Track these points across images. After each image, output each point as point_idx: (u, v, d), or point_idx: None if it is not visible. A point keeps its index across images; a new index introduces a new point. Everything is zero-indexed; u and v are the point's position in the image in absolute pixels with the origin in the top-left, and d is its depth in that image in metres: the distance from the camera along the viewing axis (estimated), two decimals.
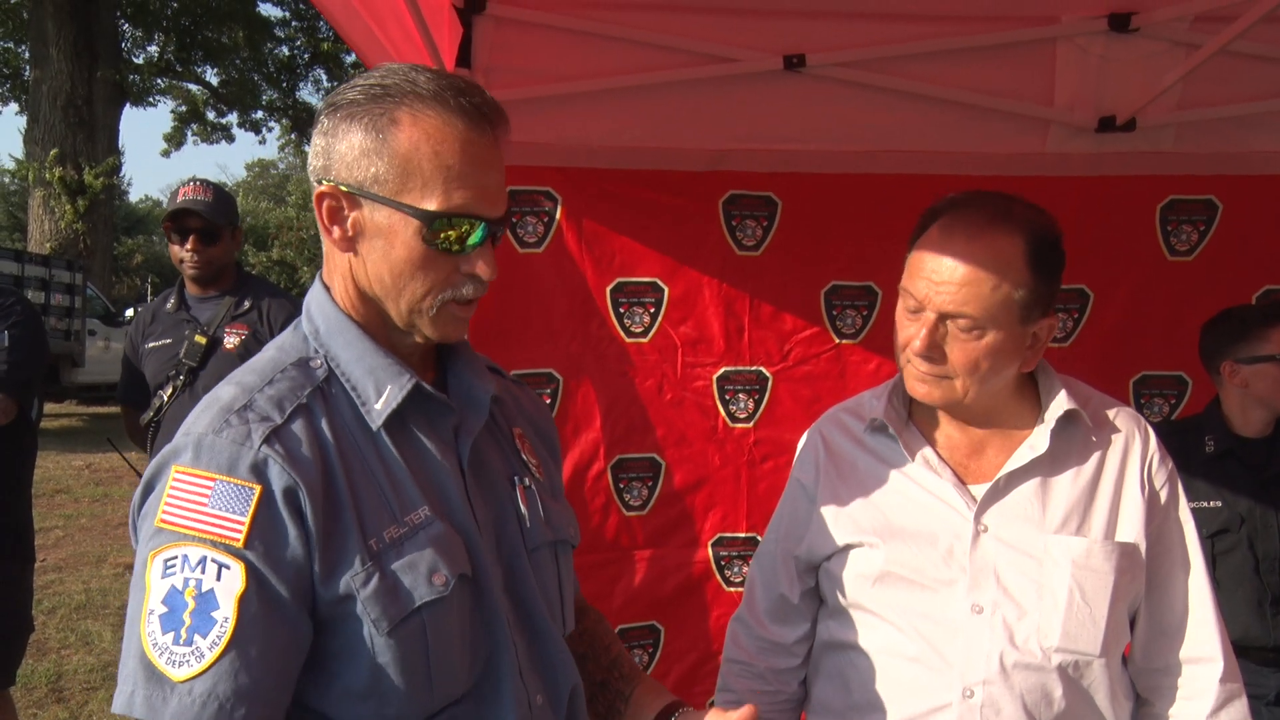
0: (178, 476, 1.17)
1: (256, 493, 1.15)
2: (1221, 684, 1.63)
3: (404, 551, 1.22)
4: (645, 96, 2.79)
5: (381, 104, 1.24)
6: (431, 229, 1.23)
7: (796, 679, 1.84)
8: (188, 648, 1.10)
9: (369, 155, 1.23)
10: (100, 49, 19.25)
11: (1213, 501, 2.62)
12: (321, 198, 1.27)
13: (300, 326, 1.35)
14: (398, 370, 1.29)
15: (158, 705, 1.09)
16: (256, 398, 1.23)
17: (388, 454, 1.27)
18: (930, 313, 1.55)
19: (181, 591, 1.12)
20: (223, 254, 3.36)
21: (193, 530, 1.13)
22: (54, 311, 14.20)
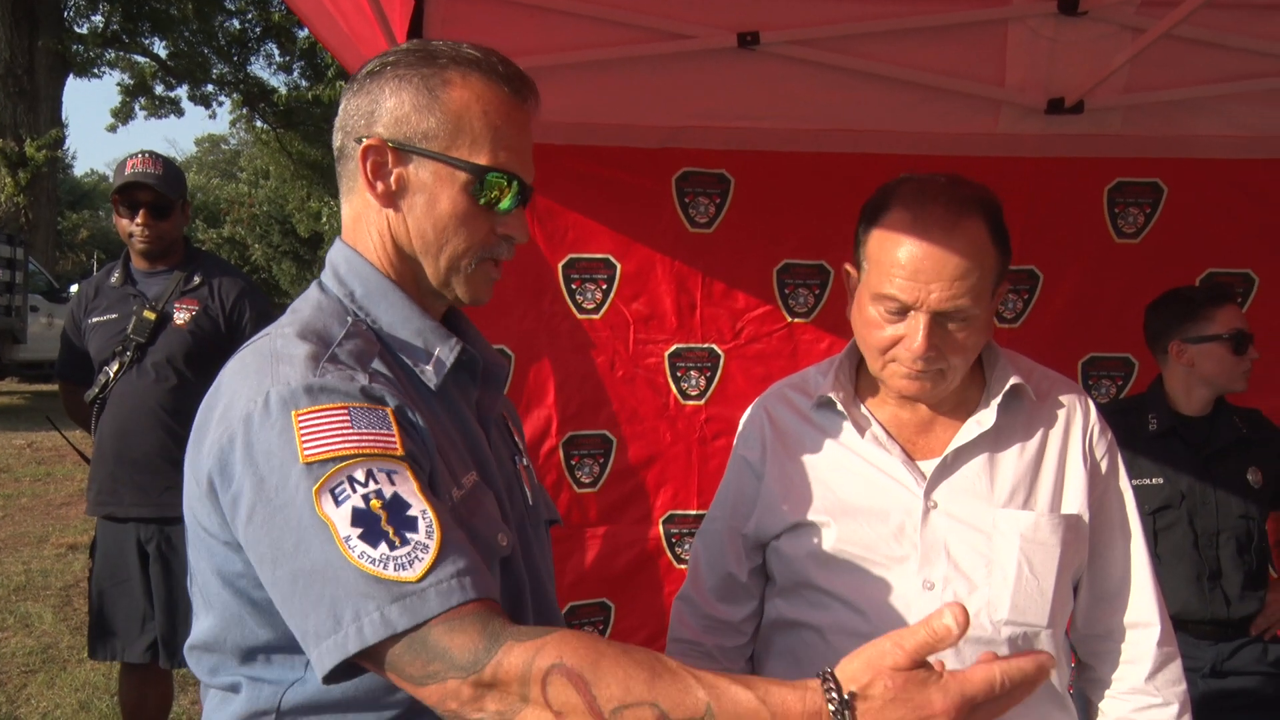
0: (303, 418, 1.10)
1: (389, 411, 1.13)
2: (1159, 648, 1.67)
3: (473, 509, 1.22)
4: (599, 72, 2.77)
5: (431, 65, 1.26)
6: (480, 184, 1.25)
7: (744, 656, 1.84)
8: (405, 549, 1.05)
9: (420, 111, 1.25)
10: (41, 17, 18.74)
11: (1155, 479, 2.67)
12: (368, 151, 1.26)
13: (329, 290, 1.31)
14: (444, 333, 1.30)
15: (417, 607, 1.03)
16: (337, 350, 1.19)
17: (442, 416, 1.26)
18: (924, 313, 1.52)
19: (366, 507, 1.07)
20: (173, 228, 3.29)
21: (348, 450, 1.09)
22: None
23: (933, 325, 1.52)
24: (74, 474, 9.06)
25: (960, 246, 1.51)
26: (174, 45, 22.70)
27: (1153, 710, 1.66)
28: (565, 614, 3.06)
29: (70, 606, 5.81)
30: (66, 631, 5.42)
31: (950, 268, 1.50)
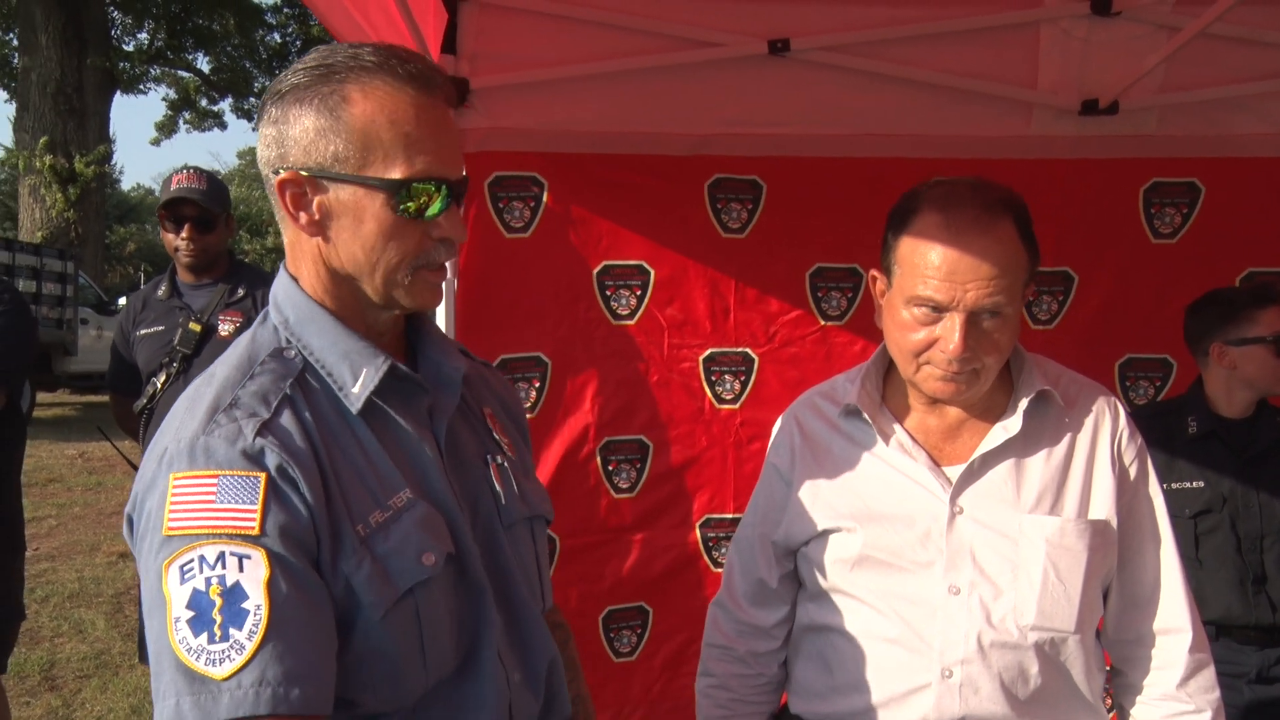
0: (177, 483, 1.14)
1: (263, 480, 1.14)
2: (1191, 654, 1.66)
3: (390, 535, 1.22)
4: (630, 81, 2.80)
5: (329, 82, 1.22)
6: (399, 198, 1.22)
7: (776, 661, 1.85)
8: (225, 643, 1.08)
9: (325, 135, 1.22)
10: (90, 36, 19.16)
11: (1195, 482, 2.64)
12: (284, 186, 1.24)
13: (269, 319, 1.33)
14: (372, 352, 1.28)
15: (209, 708, 1.06)
16: (240, 394, 1.21)
17: (366, 439, 1.26)
18: (959, 313, 1.53)
19: (205, 591, 1.09)
20: (218, 241, 3.37)
21: (205, 529, 1.11)
22: (46, 300, 14.17)
23: (969, 325, 1.54)
24: (124, 483, 9.23)
25: (993, 246, 1.53)
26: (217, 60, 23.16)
27: (1185, 717, 1.65)
28: (604, 618, 3.08)
29: (122, 613, 5.94)
30: (118, 638, 5.54)
31: (986, 267, 1.52)
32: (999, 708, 1.59)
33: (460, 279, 2.82)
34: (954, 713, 1.60)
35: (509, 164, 2.85)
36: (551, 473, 2.98)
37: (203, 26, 21.82)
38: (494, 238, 2.86)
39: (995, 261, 1.52)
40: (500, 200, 2.85)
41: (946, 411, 1.69)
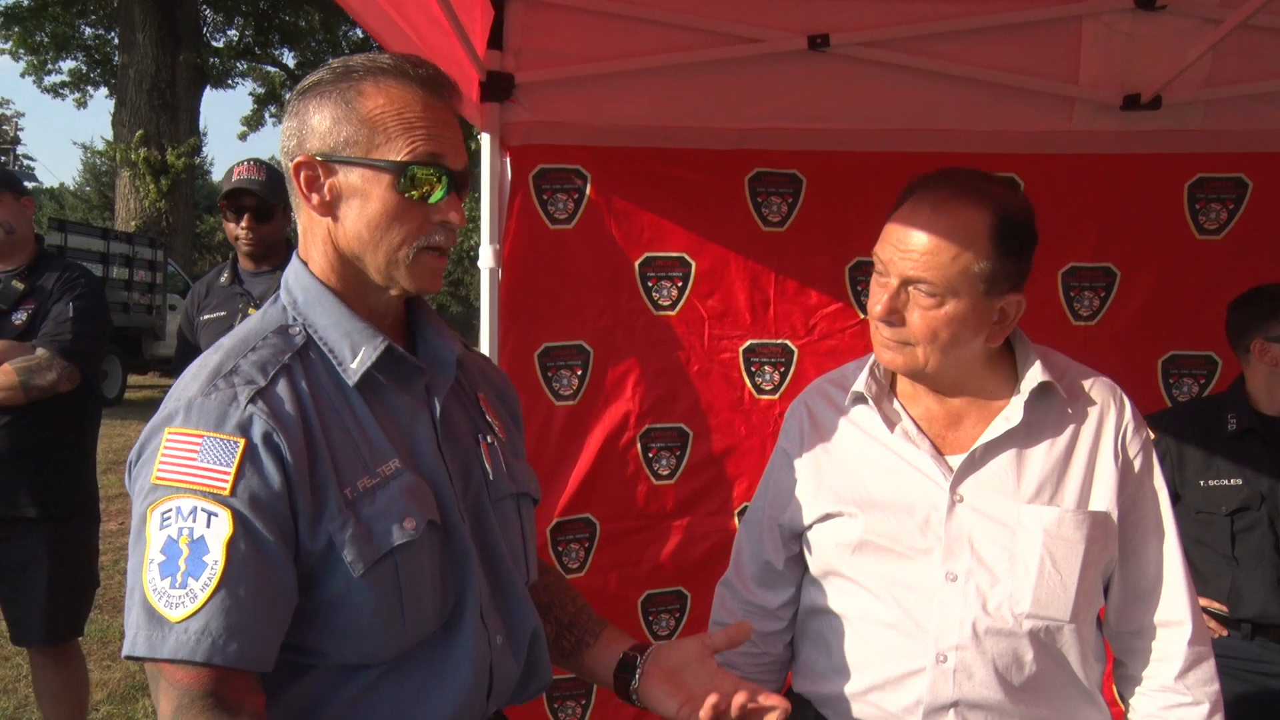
0: (170, 437, 1.26)
1: (240, 446, 1.25)
2: (1190, 646, 1.67)
3: (376, 500, 1.32)
4: (672, 76, 2.85)
5: (347, 80, 1.36)
6: (402, 179, 1.33)
7: (782, 642, 1.90)
8: (182, 590, 1.20)
9: (339, 123, 1.35)
10: (183, 34, 19.83)
11: (1233, 479, 2.62)
12: (299, 168, 1.37)
13: (279, 300, 1.45)
14: (371, 333, 1.39)
15: (157, 643, 1.19)
16: (241, 363, 1.32)
17: (361, 411, 1.37)
18: (894, 278, 1.61)
19: (177, 540, 1.21)
20: (275, 231, 3.50)
21: (184, 483, 1.23)
22: (137, 287, 14.76)
23: (897, 291, 1.60)
24: None
25: (942, 225, 1.57)
26: (302, 55, 23.77)
27: (1182, 709, 1.66)
28: (643, 601, 3.15)
29: None
30: None
31: (922, 240, 1.58)
32: (993, 693, 1.62)
33: (505, 269, 2.91)
34: (948, 697, 1.63)
35: (553, 157, 2.92)
36: (592, 459, 3.05)
37: (289, 23, 22.43)
38: (538, 228, 2.94)
39: (935, 236, 1.57)
40: (544, 192, 2.94)
41: (951, 401, 1.72)
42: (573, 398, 3.03)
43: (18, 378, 3.22)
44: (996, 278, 1.60)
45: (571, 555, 3.09)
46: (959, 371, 1.69)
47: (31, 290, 3.38)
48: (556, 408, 3.02)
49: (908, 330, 1.62)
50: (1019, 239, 1.62)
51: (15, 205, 3.41)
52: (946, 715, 1.64)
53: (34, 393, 3.24)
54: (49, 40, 23.77)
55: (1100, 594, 1.70)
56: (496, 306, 2.90)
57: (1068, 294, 2.97)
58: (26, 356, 3.26)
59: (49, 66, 24.78)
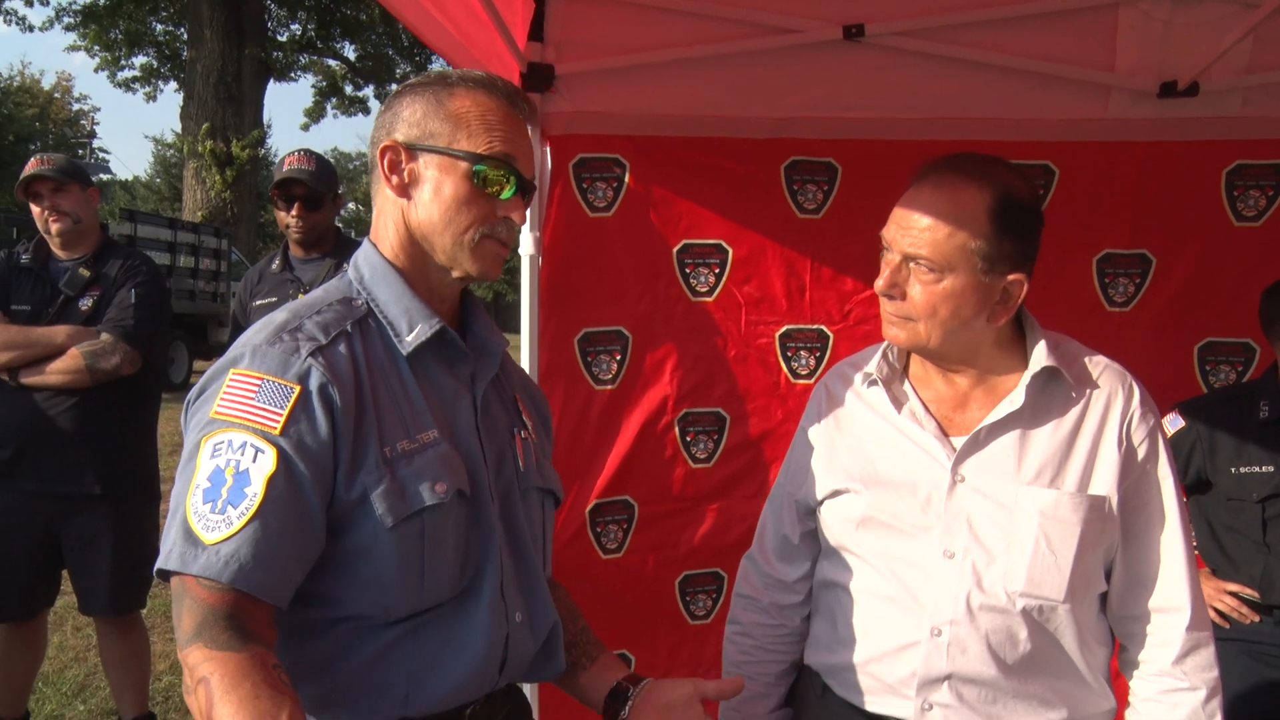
0: (234, 377, 1.37)
1: (296, 391, 1.35)
2: (1188, 632, 1.68)
3: (413, 462, 1.42)
4: (709, 67, 2.90)
5: (443, 83, 1.52)
6: (477, 170, 1.46)
7: (799, 614, 1.96)
8: (220, 516, 1.29)
9: (428, 116, 1.49)
10: (248, 29, 20.27)
11: (1265, 467, 2.62)
12: (384, 151, 1.50)
13: (347, 274, 1.57)
14: (428, 312, 1.51)
15: (189, 560, 1.28)
16: (306, 323, 1.43)
17: (410, 381, 1.48)
18: (895, 254, 1.67)
19: (224, 470, 1.31)
20: (324, 219, 3.62)
21: (239, 419, 1.33)
22: (202, 275, 15.16)
23: (898, 267, 1.66)
24: None
25: (940, 203, 1.62)
26: (362, 48, 24.18)
27: (1179, 693, 1.68)
28: (680, 582, 3.22)
29: None
30: None
31: (922, 218, 1.63)
32: (986, 668, 1.66)
33: (545, 256, 2.99)
34: (941, 670, 1.67)
35: (593, 146, 3.00)
36: (631, 442, 3.12)
37: (350, 17, 22.83)
38: (578, 216, 3.01)
39: (933, 214, 1.62)
40: (584, 181, 3.01)
41: (960, 383, 1.77)
42: (612, 382, 3.11)
43: (84, 361, 3.38)
44: (995, 257, 1.63)
45: (610, 536, 3.17)
46: (965, 351, 1.73)
47: (96, 277, 3.54)
48: (596, 392, 3.10)
49: (909, 305, 1.68)
50: (1020, 220, 1.65)
51: (82, 196, 3.57)
52: (940, 688, 1.68)
53: (99, 375, 3.40)
54: (122, 37, 24.50)
55: (1100, 577, 1.72)
56: (537, 293, 2.98)
57: (1102, 280, 2.98)
58: (91, 341, 3.42)
59: (122, 62, 25.52)
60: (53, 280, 3.55)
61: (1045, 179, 2.98)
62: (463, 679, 1.47)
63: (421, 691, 1.45)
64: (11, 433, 3.47)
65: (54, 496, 3.48)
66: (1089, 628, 1.71)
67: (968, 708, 1.68)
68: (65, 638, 5.04)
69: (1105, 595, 1.76)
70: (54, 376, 3.39)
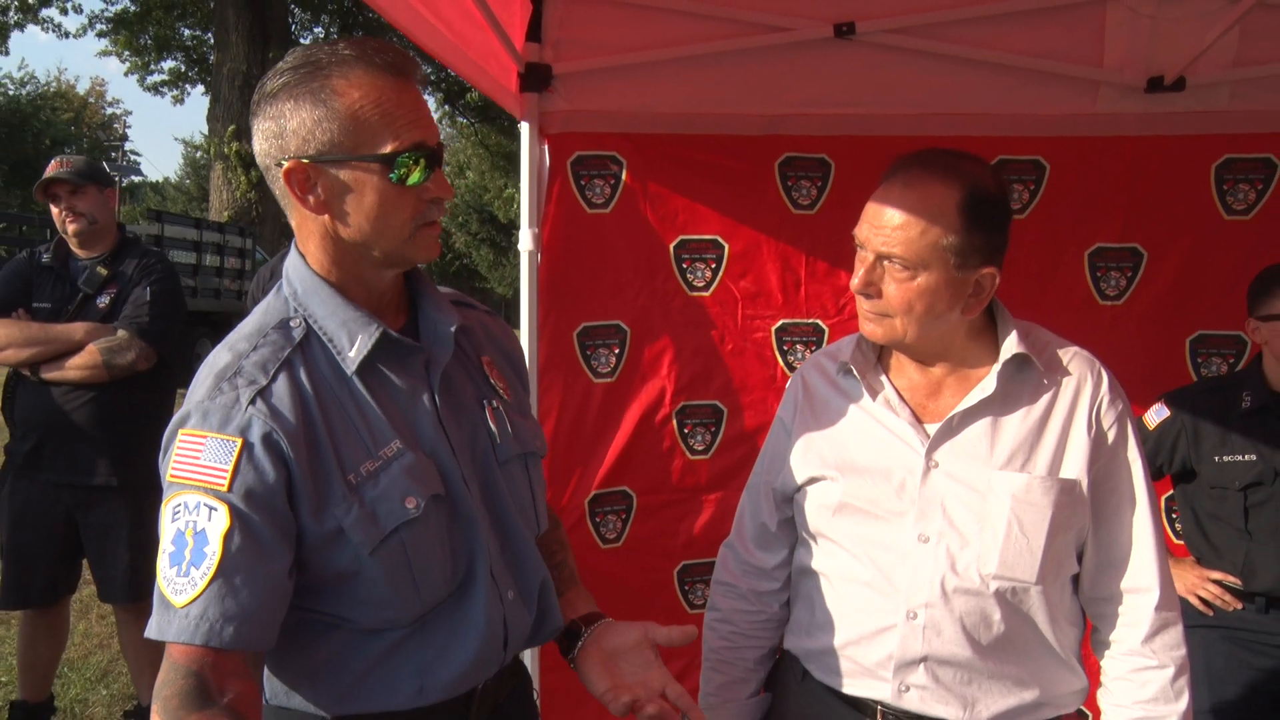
0: (182, 438, 1.36)
1: (238, 445, 1.34)
2: (1157, 611, 1.72)
3: (379, 482, 1.41)
4: (704, 65, 2.97)
5: (316, 77, 1.38)
6: (394, 171, 1.39)
7: (778, 601, 1.99)
8: (185, 578, 1.31)
9: (320, 124, 1.37)
10: (272, 32, 20.47)
11: (1248, 455, 2.64)
12: (290, 174, 1.40)
13: (282, 290, 1.52)
14: (366, 320, 1.46)
15: (165, 626, 1.31)
16: (244, 363, 1.41)
17: (361, 397, 1.46)
18: (869, 253, 1.71)
19: (184, 532, 1.32)
20: None
21: (190, 480, 1.33)
22: (227, 273, 15.35)
23: (873, 266, 1.69)
24: None
25: (911, 201, 1.65)
26: None
27: (1148, 671, 1.72)
28: (679, 572, 3.28)
29: None
30: None
31: (892, 215, 1.66)
32: (960, 650, 1.70)
33: (544, 252, 3.06)
34: (917, 652, 1.71)
35: (590, 144, 3.06)
36: (629, 434, 3.18)
37: (372, 20, 23.01)
38: (576, 213, 3.08)
39: (904, 213, 1.65)
40: (582, 178, 3.08)
41: (933, 372, 1.81)
42: (611, 375, 3.17)
43: (101, 357, 3.49)
44: (967, 251, 1.66)
45: (609, 526, 3.23)
46: (939, 342, 1.77)
47: (114, 275, 3.64)
48: (595, 384, 3.16)
49: (885, 302, 1.71)
50: (989, 214, 1.68)
51: (99, 197, 3.67)
52: (916, 670, 1.72)
53: (115, 371, 3.51)
54: (151, 42, 24.88)
55: (1071, 559, 1.76)
56: (536, 288, 3.04)
57: (1094, 274, 3.02)
58: (108, 338, 3.52)
59: (151, 67, 25.92)
60: (72, 278, 3.66)
61: (1036, 174, 3.01)
62: (471, 664, 1.50)
63: (433, 682, 1.48)
64: (33, 426, 3.59)
65: (73, 487, 3.59)
66: (1061, 609, 1.75)
67: (943, 689, 1.72)
68: (90, 625, 5.17)
69: (1077, 577, 1.80)
70: (73, 372, 3.50)
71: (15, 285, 3.65)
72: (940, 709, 1.72)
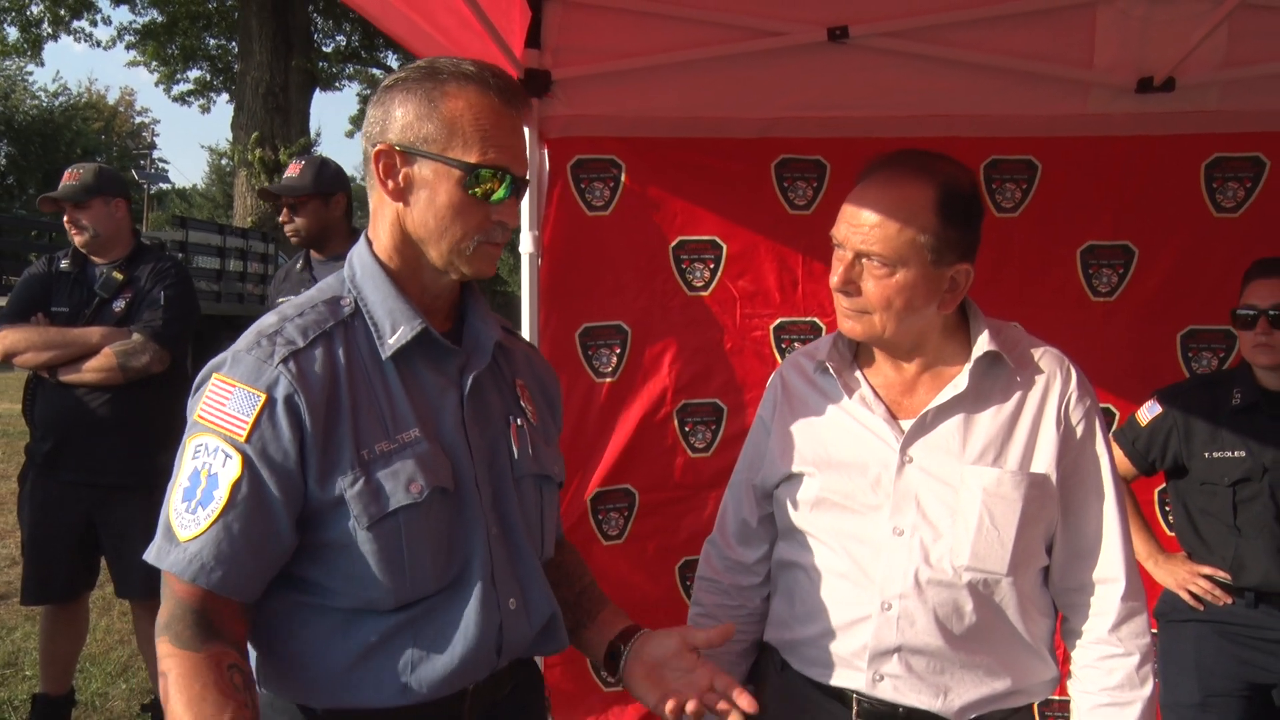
0: (215, 381, 1.43)
1: (261, 400, 1.40)
2: (1123, 601, 1.76)
3: (391, 463, 1.46)
4: (700, 70, 3.03)
5: (432, 80, 1.50)
6: (470, 179, 1.47)
7: (759, 596, 2.03)
8: (193, 515, 1.38)
9: (421, 120, 1.48)
10: (295, 40, 20.73)
11: (1237, 451, 2.67)
12: (379, 155, 1.50)
13: (344, 270, 1.60)
14: (412, 314, 1.53)
15: (164, 555, 1.39)
16: (287, 326, 1.47)
17: (392, 382, 1.51)
18: (848, 251, 1.74)
19: (200, 472, 1.39)
20: (314, 220, 3.72)
21: (214, 424, 1.40)
22: (250, 278, 15.53)
23: (851, 264, 1.73)
24: None
25: (889, 200, 1.70)
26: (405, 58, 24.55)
27: (1115, 659, 1.76)
28: (680, 568, 3.32)
29: None
30: None
31: (869, 215, 1.70)
32: (934, 640, 1.74)
33: (545, 254, 3.12)
34: (891, 642, 1.75)
35: (590, 148, 3.13)
36: (631, 432, 3.23)
37: None
38: (577, 216, 3.15)
39: (879, 211, 1.69)
40: (582, 181, 3.14)
41: (908, 369, 1.85)
42: (612, 375, 3.23)
43: (116, 360, 3.58)
44: (943, 248, 1.71)
45: (611, 523, 3.29)
46: (916, 338, 1.81)
47: (129, 280, 3.74)
48: (597, 384, 3.22)
49: (864, 300, 1.75)
50: (963, 211, 1.72)
51: (104, 209, 3.75)
52: (891, 659, 1.76)
53: (130, 374, 3.60)
54: (178, 52, 25.25)
55: (1041, 552, 1.80)
56: (537, 290, 3.11)
57: (1086, 272, 3.05)
58: (124, 341, 3.61)
59: (178, 76, 26.29)
60: (89, 283, 3.75)
61: (1028, 174, 3.05)
62: (459, 665, 1.52)
63: (419, 678, 1.50)
64: (51, 427, 3.68)
65: (91, 486, 3.68)
66: (1032, 600, 1.79)
67: (917, 678, 1.76)
68: (112, 622, 5.27)
69: (1047, 569, 1.84)
70: (89, 374, 3.59)
71: (34, 290, 3.75)
72: (914, 697, 1.76)
